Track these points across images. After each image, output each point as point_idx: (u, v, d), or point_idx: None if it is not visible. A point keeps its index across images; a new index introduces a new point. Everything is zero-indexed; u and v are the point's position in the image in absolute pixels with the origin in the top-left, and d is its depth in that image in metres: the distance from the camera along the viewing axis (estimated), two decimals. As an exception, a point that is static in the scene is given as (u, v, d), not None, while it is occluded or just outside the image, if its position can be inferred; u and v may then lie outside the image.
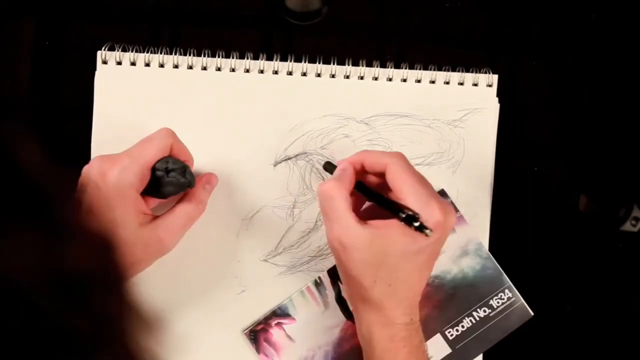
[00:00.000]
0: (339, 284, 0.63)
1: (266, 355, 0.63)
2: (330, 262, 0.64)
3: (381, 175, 0.56)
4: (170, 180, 0.57)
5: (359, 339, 0.58)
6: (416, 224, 0.51)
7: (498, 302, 0.64)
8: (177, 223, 0.58)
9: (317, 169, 0.65)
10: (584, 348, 0.66)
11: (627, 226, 0.66)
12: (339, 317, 0.64)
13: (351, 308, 0.59)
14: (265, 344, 0.63)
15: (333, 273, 0.64)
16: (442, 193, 0.65)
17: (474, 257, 0.64)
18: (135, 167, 0.55)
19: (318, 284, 0.64)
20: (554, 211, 0.66)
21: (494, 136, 0.66)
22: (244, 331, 0.63)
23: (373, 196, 0.56)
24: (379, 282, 0.54)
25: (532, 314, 0.64)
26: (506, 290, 0.64)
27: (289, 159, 0.65)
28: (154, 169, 0.57)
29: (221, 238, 0.64)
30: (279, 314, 0.63)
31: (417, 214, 0.52)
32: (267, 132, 0.65)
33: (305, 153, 0.65)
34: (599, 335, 0.66)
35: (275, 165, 0.65)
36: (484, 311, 0.64)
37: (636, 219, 0.66)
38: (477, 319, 0.64)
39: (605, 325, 0.66)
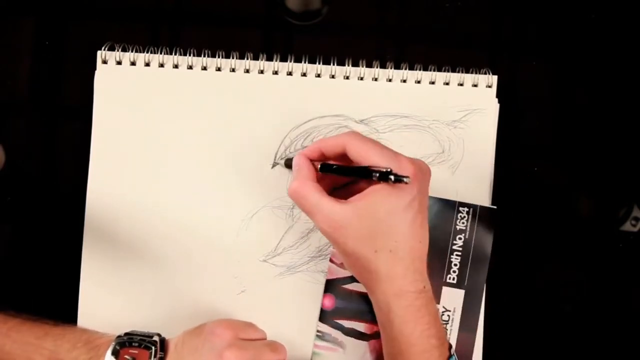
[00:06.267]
0: (337, 321, 0.64)
1: None
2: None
3: (342, 158, 0.57)
4: None
5: (377, 317, 0.58)
6: (392, 177, 0.52)
7: (463, 222, 0.64)
8: None
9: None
10: (584, 348, 0.66)
11: (627, 226, 0.66)
12: (360, 345, 0.64)
13: (365, 287, 0.59)
14: None
15: (324, 317, 0.64)
16: None
17: None
18: None
19: (321, 335, 0.64)
20: (553, 211, 0.66)
21: (493, 137, 0.66)
22: None
23: (341, 170, 0.56)
24: (380, 251, 0.54)
25: (495, 207, 0.64)
26: (460, 208, 0.64)
27: (288, 159, 0.65)
28: None
29: (221, 238, 0.64)
30: None
31: (388, 168, 0.53)
32: (266, 132, 0.65)
33: (305, 153, 0.65)
34: (599, 335, 0.66)
35: (275, 166, 0.65)
36: (459, 239, 0.64)
37: (636, 219, 0.66)
38: (460, 249, 0.64)
39: (606, 325, 0.66)
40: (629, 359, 0.66)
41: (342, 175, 0.57)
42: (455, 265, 0.64)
